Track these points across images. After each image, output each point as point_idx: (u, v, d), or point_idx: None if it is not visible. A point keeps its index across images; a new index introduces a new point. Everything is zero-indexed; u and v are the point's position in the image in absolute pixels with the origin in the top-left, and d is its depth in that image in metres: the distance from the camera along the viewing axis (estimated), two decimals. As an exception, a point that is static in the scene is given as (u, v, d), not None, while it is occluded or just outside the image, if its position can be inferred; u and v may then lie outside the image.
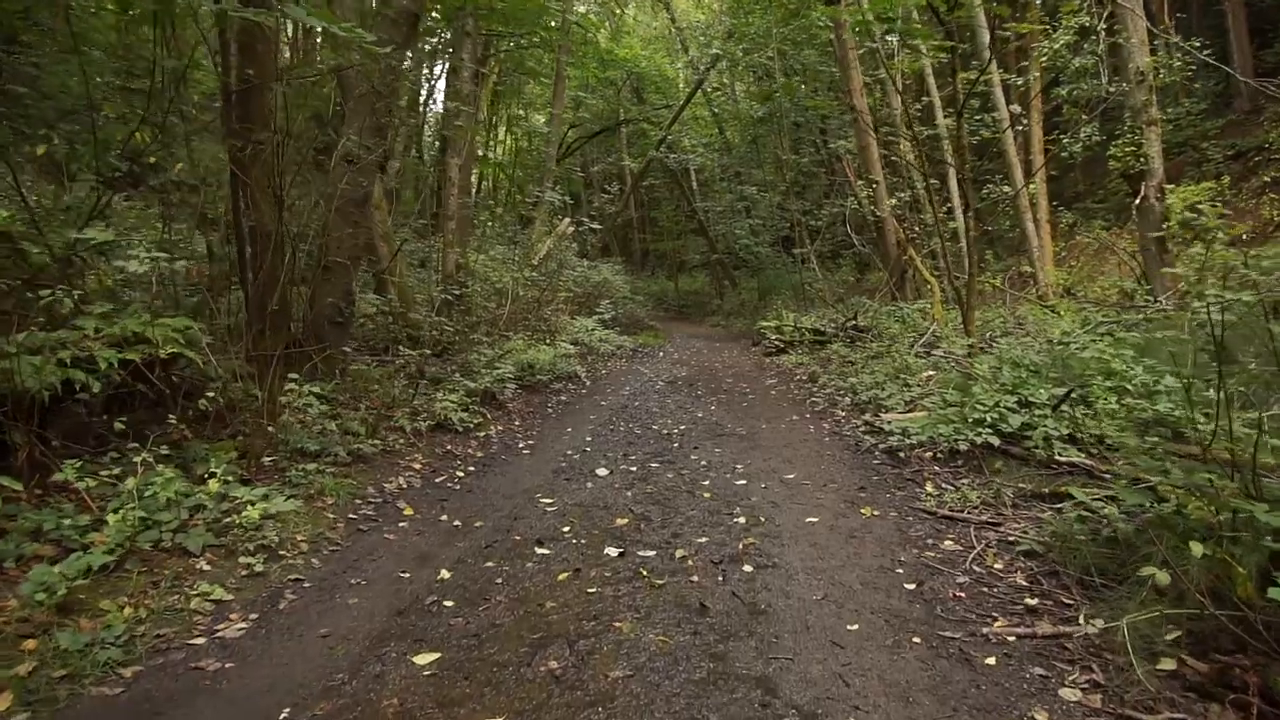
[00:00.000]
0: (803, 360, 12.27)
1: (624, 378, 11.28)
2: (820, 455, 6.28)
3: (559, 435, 7.16)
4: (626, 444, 6.76)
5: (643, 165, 22.91)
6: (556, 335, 12.72)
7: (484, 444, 6.53)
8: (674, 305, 27.11)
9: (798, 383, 10.46)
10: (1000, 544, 4.04)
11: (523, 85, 25.00)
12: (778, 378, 11.12)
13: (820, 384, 9.83)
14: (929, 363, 9.34)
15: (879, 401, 8.10)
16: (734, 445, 6.65)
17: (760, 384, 10.55)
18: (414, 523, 4.53)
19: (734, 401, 9.07)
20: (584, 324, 13.93)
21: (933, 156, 17.13)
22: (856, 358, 10.82)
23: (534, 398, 9.06)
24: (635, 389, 10.13)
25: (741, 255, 21.56)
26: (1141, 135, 10.87)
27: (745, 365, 12.86)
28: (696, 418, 8.03)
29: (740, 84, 21.67)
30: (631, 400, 9.19)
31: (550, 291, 13.19)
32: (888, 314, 13.46)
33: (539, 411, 8.35)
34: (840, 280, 19.63)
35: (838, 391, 9.22)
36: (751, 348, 15.65)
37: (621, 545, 4.12)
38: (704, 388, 10.20)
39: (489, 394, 7.75)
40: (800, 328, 14.02)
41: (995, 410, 6.16)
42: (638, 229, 32.05)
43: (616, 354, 13.82)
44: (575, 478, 5.60)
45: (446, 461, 5.87)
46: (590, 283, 17.75)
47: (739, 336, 18.54)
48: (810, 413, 8.27)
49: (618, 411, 8.43)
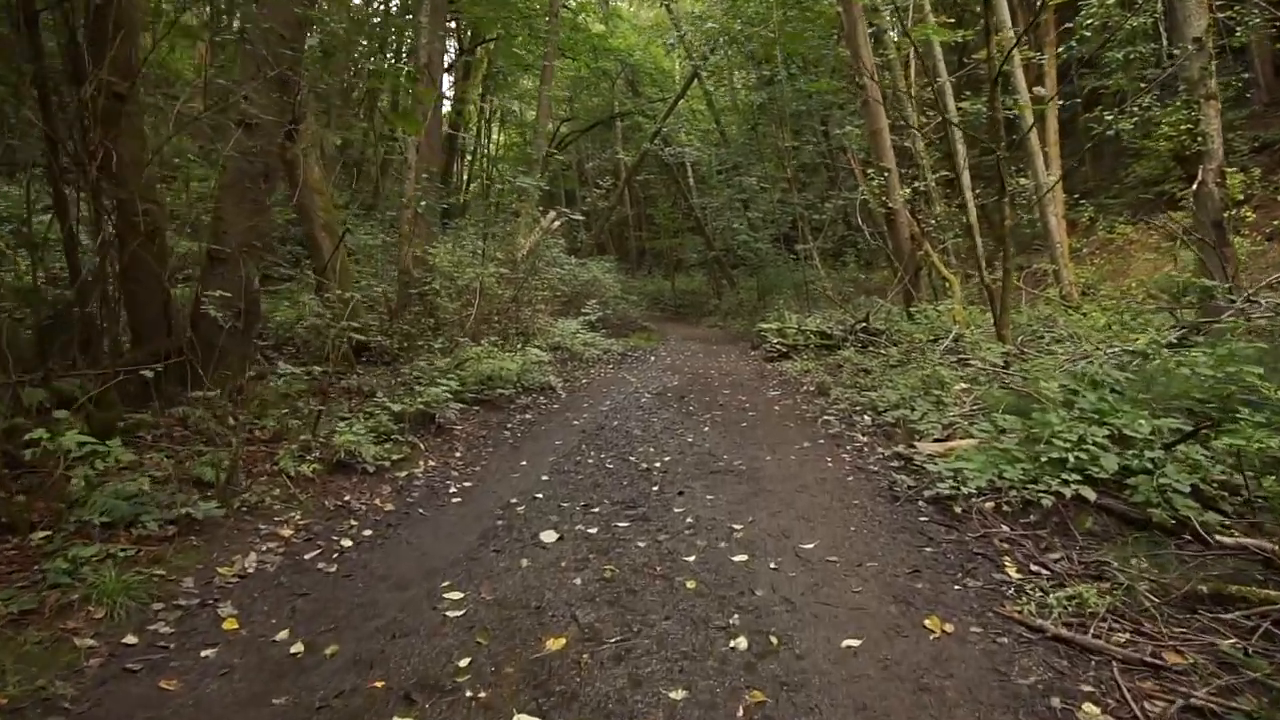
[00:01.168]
0: (808, 367, 10.53)
1: (607, 388, 9.54)
2: (845, 506, 4.54)
3: (508, 472, 5.42)
4: (592, 486, 5.02)
5: (637, 158, 21.15)
6: (532, 339, 10.99)
7: (401, 490, 4.78)
8: (670, 305, 25.36)
9: (805, 395, 8.71)
10: (1185, 715, 2.30)
11: (515, 79, 23.24)
12: (781, 388, 9.38)
13: (832, 398, 8.09)
14: (962, 374, 7.60)
15: (909, 424, 6.36)
16: (730, 489, 4.91)
17: (761, 396, 8.81)
18: (229, 649, 2.78)
19: (731, 420, 7.33)
20: (567, 326, 12.19)
21: (942, 147, 15.39)
22: (872, 366, 9.08)
23: (492, 416, 7.32)
24: (617, 403, 8.39)
25: (740, 253, 19.80)
26: (1199, 111, 9.09)
27: (744, 372, 11.12)
28: (685, 444, 6.29)
29: (739, 73, 19.88)
30: (610, 419, 7.45)
31: (527, 290, 11.45)
32: (903, 315, 11.72)
33: (493, 436, 6.61)
34: (845, 278, 17.85)
35: (854, 408, 7.49)
36: (751, 351, 13.91)
37: (543, 709, 2.39)
38: (697, 401, 8.46)
39: (425, 417, 6.01)
40: (804, 330, 12.27)
41: (1080, 448, 4.43)
42: (634, 227, 30.28)
43: (602, 359, 12.08)
44: (510, 547, 3.87)
45: (336, 521, 4.13)
46: (579, 281, 16.02)
47: (737, 338, 16.79)
48: (824, 437, 6.53)
49: (591, 435, 6.69)
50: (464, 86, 20.33)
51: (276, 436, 5.06)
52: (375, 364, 8.34)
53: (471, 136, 23.99)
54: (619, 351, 13.03)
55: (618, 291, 17.58)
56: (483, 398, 7.58)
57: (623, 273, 26.08)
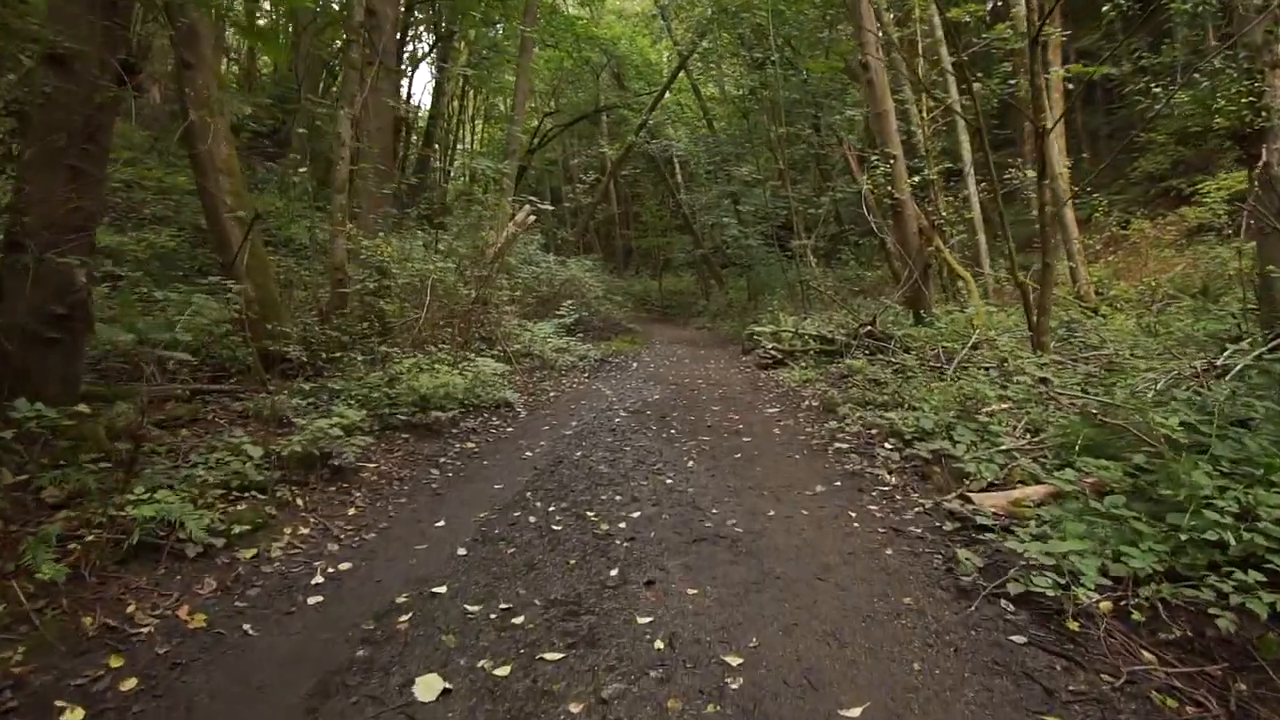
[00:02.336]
0: (809, 377, 8.93)
1: (576, 404, 7.90)
2: (893, 611, 2.92)
3: (413, 541, 3.77)
4: (525, 569, 3.39)
5: (621, 151, 19.50)
6: (495, 345, 9.33)
7: (234, 584, 3.13)
8: (657, 306, 23.74)
9: (808, 413, 7.11)
10: None
11: (495, 73, 21.50)
12: (779, 403, 7.77)
13: (842, 417, 6.50)
14: (1003, 391, 6.01)
15: (949, 459, 4.77)
16: (723, 573, 3.29)
17: (757, 414, 7.20)
18: None
19: (722, 449, 5.71)
20: (538, 330, 10.55)
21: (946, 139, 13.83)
22: (886, 377, 7.49)
23: (423, 447, 5.66)
24: (585, 425, 6.75)
25: (730, 251, 18.19)
26: (1263, 81, 7.53)
27: (735, 382, 9.51)
28: (663, 488, 4.66)
29: (728, 63, 18.25)
30: (572, 448, 5.81)
31: (492, 289, 9.80)
32: (910, 318, 10.14)
33: (415, 477, 4.95)
34: (839, 278, 16.23)
35: (870, 433, 5.90)
36: (742, 356, 12.31)
37: None
38: (680, 422, 6.83)
39: (313, 458, 4.35)
40: (802, 335, 10.68)
41: (1247, 524, 2.86)
42: (620, 225, 28.61)
43: (576, 368, 10.43)
44: (355, 713, 2.25)
45: (83, 662, 2.49)
46: (557, 280, 14.37)
47: (726, 341, 15.19)
48: (840, 475, 4.91)
49: (543, 474, 5.05)
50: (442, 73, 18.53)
51: (74, 497, 3.40)
52: (297, 378, 6.68)
53: (447, 129, 22.28)
54: (597, 358, 11.39)
55: (600, 292, 15.93)
56: (416, 422, 5.93)
57: (608, 272, 24.43)
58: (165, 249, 9.57)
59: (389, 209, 9.34)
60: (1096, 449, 4.21)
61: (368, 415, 5.88)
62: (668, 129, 21.15)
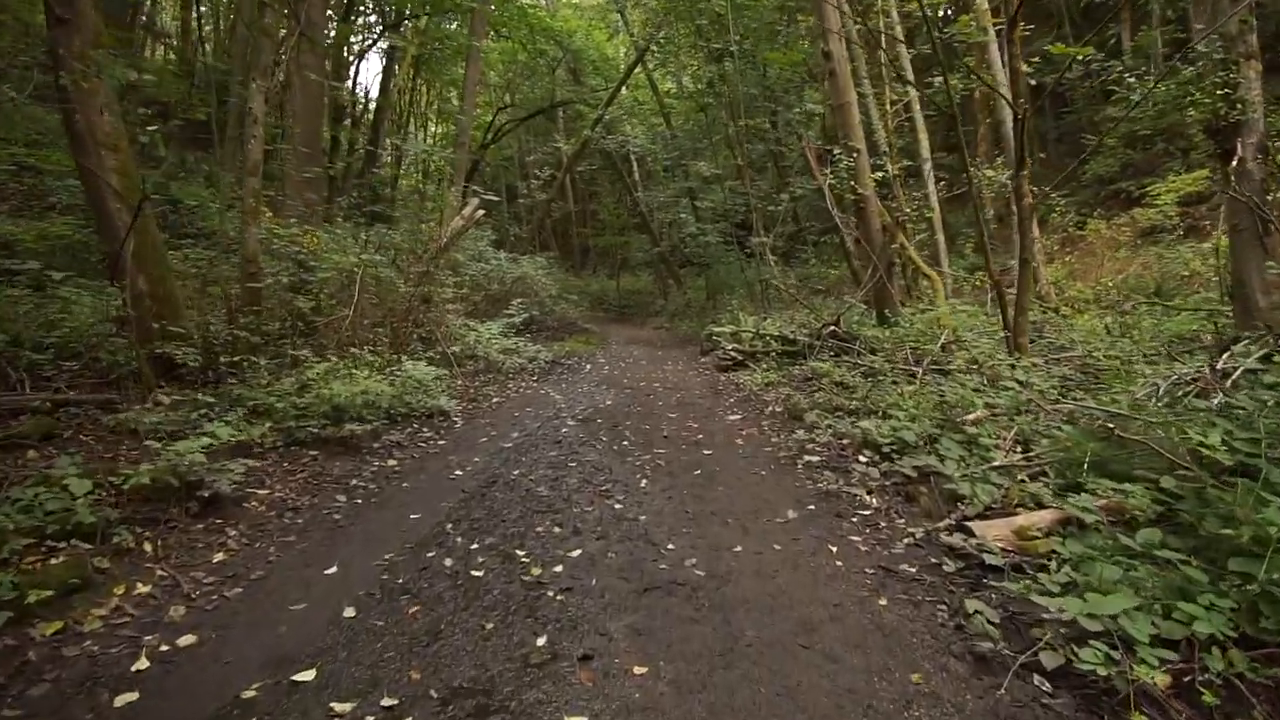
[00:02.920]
0: (771, 379, 8.28)
1: (521, 411, 7.07)
2: (904, 702, 2.20)
3: (288, 600, 2.92)
4: (426, 638, 2.58)
5: (577, 146, 18.65)
6: (435, 346, 8.45)
7: (4, 685, 2.27)
8: (615, 306, 22.96)
9: (773, 420, 6.44)
10: None
11: (447, 66, 20.39)
12: (742, 409, 7.08)
13: (810, 425, 5.84)
14: (978, 394, 5.43)
15: (937, 477, 4.13)
16: (680, 638, 2.54)
17: (718, 422, 6.48)
18: None
19: (681, 465, 4.97)
20: (484, 331, 9.67)
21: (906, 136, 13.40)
22: (854, 381, 6.87)
23: (333, 466, 4.78)
24: (527, 436, 5.94)
25: (688, 249, 17.52)
26: (1237, 73, 7.16)
27: (694, 385, 8.80)
28: (610, 516, 3.90)
29: (686, 56, 17.57)
30: (509, 465, 5.00)
31: (433, 286, 8.89)
32: (873, 318, 9.59)
33: (316, 506, 4.08)
34: (803, 276, 15.63)
35: (842, 444, 5.24)
36: (700, 357, 11.63)
37: None
38: (635, 432, 6.08)
39: (177, 491, 3.45)
40: (764, 335, 10.04)
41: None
42: (577, 224, 27.73)
43: (526, 370, 9.60)
44: None
45: None
46: (509, 278, 13.48)
47: (684, 341, 14.51)
48: (814, 496, 4.22)
49: (471, 499, 4.24)
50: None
51: None
52: (197, 386, 5.71)
53: (397, 122, 21.12)
54: (548, 359, 10.55)
55: (554, 290, 15.08)
56: (328, 437, 5.04)
57: (564, 271, 23.56)
58: (64, 239, 8.41)
59: (314, 196, 8.35)
60: (1105, 467, 3.61)
61: (271, 429, 4.99)
62: (625, 125, 20.40)
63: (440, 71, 21.21)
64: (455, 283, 10.74)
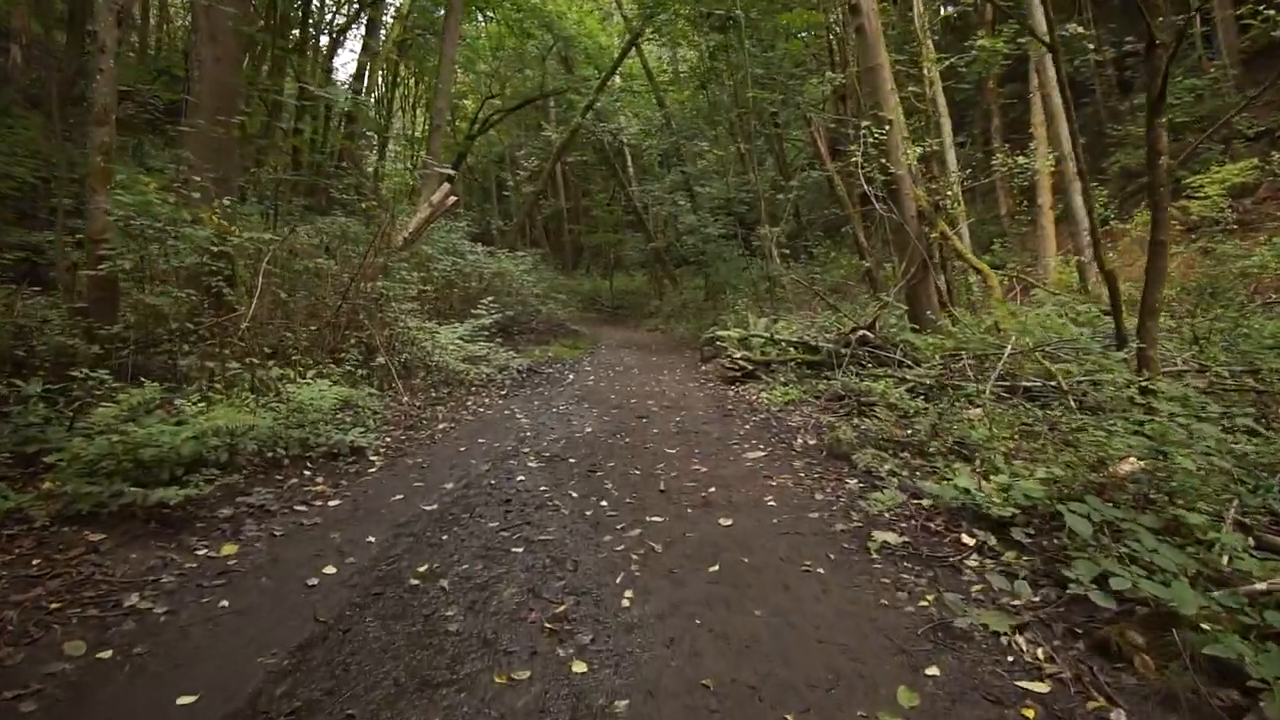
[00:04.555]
0: (792, 396, 6.38)
1: (471, 443, 5.11)
2: None
3: None
4: None
5: (567, 134, 16.67)
6: (375, 355, 6.48)
7: None
8: (607, 306, 21.01)
9: (808, 460, 4.50)
10: None
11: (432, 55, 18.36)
12: (764, 441, 5.13)
13: (863, 471, 3.93)
14: (1106, 430, 3.51)
15: (1163, 614, 2.19)
16: None
17: (736, 463, 4.54)
18: None
19: (687, 554, 3.03)
20: (444, 335, 7.70)
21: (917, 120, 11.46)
22: (906, 402, 4.96)
23: (127, 558, 2.84)
24: (466, 486, 3.98)
25: (685, 244, 15.56)
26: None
27: (697, 402, 6.87)
28: (562, 695, 2.00)
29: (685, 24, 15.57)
30: (416, 554, 3.05)
31: (372, 279, 6.90)
32: (907, 322, 7.66)
33: (33, 658, 2.15)
34: (810, 272, 13.54)
35: (925, 509, 3.32)
36: (701, 364, 9.72)
37: None
38: (619, 481, 4.13)
39: None
40: (779, 340, 8.11)
41: None
42: (569, 221, 25.74)
43: (493, 381, 7.65)
44: None
45: None
46: (487, 274, 11.50)
47: (681, 345, 12.58)
48: (928, 643, 2.31)
49: (310, 650, 2.31)
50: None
51: None
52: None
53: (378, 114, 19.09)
54: (523, 367, 8.60)
55: (538, 289, 13.12)
56: (126, 508, 3.08)
57: (554, 269, 21.58)
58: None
59: (230, 167, 6.34)
60: None
61: (51, 492, 3.04)
62: (619, 117, 18.42)
63: (425, 60, 19.22)
64: (421, 279, 8.79)
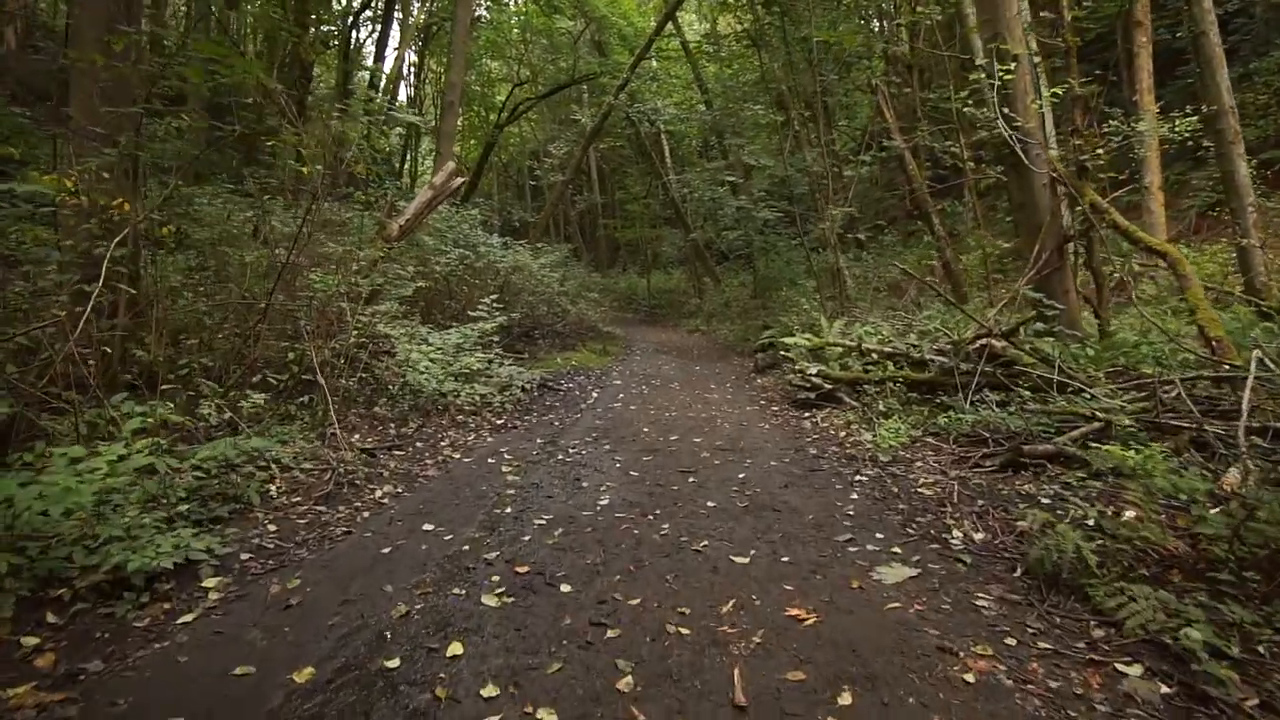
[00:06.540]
0: (905, 435, 4.13)
1: (409, 533, 3.03)
2: None
3: None
4: None
5: (599, 117, 14.56)
6: (316, 380, 4.46)
7: None
8: (644, 306, 18.88)
9: (999, 586, 2.26)
10: None
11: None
12: (892, 526, 2.88)
13: (1136, 631, 1.66)
14: None
15: None
16: None
17: (863, 593, 2.33)
18: None
19: None
20: (421, 351, 5.63)
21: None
22: (1161, 472, 2.63)
23: None
24: (341, 665, 1.93)
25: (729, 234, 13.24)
26: None
27: (763, 441, 4.65)
28: None
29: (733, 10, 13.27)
30: None
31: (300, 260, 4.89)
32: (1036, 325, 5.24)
33: None
34: (860, 275, 10.95)
35: None
36: (754, 376, 7.50)
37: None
38: (651, 651, 2.01)
39: None
40: (867, 351, 5.81)
41: None
42: (605, 216, 23.68)
43: (488, 406, 5.57)
44: None
45: None
46: (503, 269, 9.45)
47: (727, 350, 10.36)
48: None
49: None
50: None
51: None
52: None
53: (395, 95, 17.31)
54: (532, 383, 6.52)
55: (562, 286, 11.03)
56: None
57: (588, 267, 19.52)
58: None
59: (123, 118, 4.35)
60: None
61: None
62: (656, 99, 16.22)
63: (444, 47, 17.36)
64: (413, 274, 6.81)
